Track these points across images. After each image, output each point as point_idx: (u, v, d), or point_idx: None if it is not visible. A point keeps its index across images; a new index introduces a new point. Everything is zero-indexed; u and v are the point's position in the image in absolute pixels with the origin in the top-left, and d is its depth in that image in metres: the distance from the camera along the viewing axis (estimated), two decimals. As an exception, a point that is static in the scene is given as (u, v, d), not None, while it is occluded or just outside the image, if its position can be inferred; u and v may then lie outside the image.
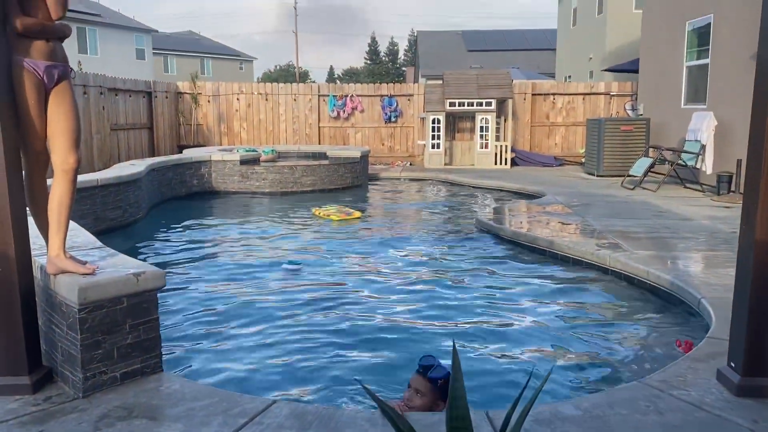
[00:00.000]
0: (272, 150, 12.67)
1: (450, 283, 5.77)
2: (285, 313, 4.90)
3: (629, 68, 16.30)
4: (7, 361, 2.94)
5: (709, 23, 10.96)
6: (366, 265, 6.45)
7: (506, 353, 4.14)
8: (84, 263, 3.07)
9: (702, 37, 11.33)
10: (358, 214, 8.97)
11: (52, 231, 3.00)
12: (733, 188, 9.62)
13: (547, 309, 5.01)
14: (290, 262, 6.32)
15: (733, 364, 3.03)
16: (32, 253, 3.09)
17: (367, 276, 6.01)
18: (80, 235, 4.00)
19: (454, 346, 1.55)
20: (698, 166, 10.62)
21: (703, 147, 10.44)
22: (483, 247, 7.17)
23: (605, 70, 19.03)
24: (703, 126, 10.45)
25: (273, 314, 4.88)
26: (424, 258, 6.76)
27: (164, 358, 3.25)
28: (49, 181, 3.08)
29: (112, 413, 2.75)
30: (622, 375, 3.79)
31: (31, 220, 3.09)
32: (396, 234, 8.11)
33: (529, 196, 10.60)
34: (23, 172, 3.01)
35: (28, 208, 3.06)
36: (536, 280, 5.77)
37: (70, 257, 3.05)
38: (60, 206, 2.97)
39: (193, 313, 4.89)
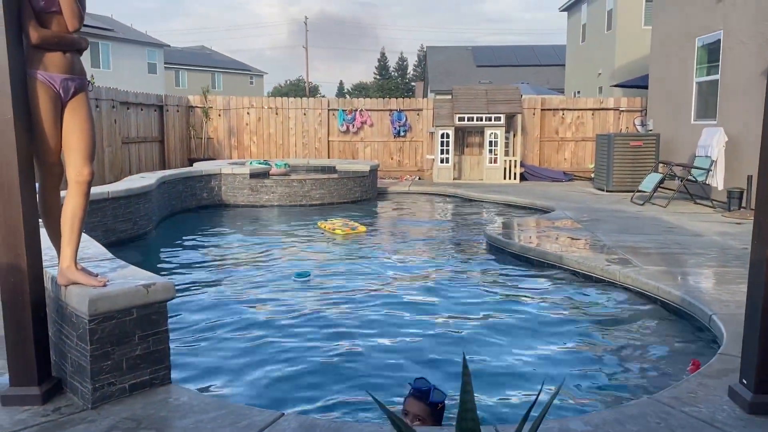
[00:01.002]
0: (285, 164, 12.71)
1: (458, 296, 5.75)
2: (293, 326, 4.90)
3: (639, 84, 16.30)
4: (18, 372, 2.95)
5: (719, 39, 10.96)
6: (373, 278, 6.44)
7: (514, 368, 4.12)
8: (95, 275, 3.09)
9: (712, 53, 11.33)
10: (362, 228, 8.98)
11: (64, 242, 3.02)
12: (744, 204, 9.56)
13: (555, 324, 4.98)
14: (299, 274, 6.33)
15: (745, 381, 3.00)
16: (44, 264, 3.11)
17: (373, 289, 6.00)
18: (91, 247, 4.03)
19: (464, 358, 1.55)
20: (708, 181, 10.57)
21: (714, 162, 10.40)
22: (491, 261, 7.15)
23: (614, 86, 19.03)
24: (713, 141, 10.43)
25: (281, 326, 4.88)
26: (432, 271, 6.75)
27: (173, 369, 3.26)
28: (62, 193, 3.11)
29: (120, 425, 2.76)
30: (632, 391, 3.75)
31: (43, 231, 3.12)
32: (403, 247, 8.10)
33: (539, 211, 10.58)
34: (37, 183, 3.04)
35: (40, 220, 3.08)
36: (545, 295, 5.74)
37: (81, 269, 3.07)
38: (73, 218, 2.99)
39: (201, 325, 4.90)
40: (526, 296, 5.75)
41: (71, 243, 3.02)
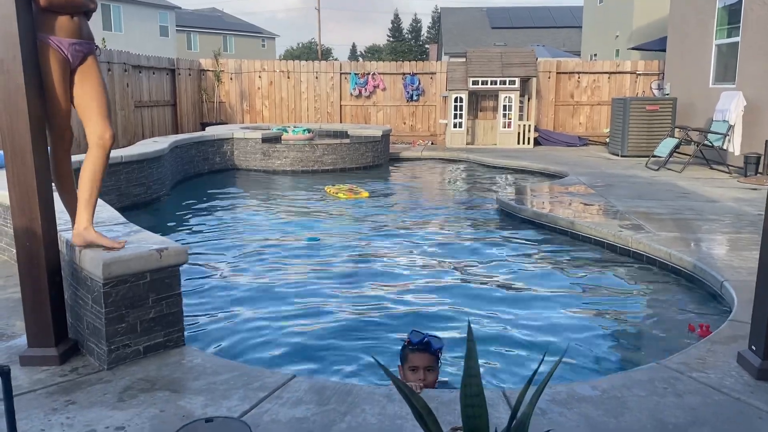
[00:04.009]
0: (304, 129, 12.54)
1: (467, 262, 5.77)
2: (304, 290, 4.95)
3: (656, 47, 15.98)
4: (35, 333, 3.02)
5: (741, 0, 10.67)
6: (382, 244, 6.46)
7: (524, 333, 4.14)
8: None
9: (733, 14, 11.05)
10: (365, 193, 9.00)
11: (81, 205, 3.04)
12: (760, 170, 9.45)
13: (566, 289, 5.00)
14: (309, 239, 6.38)
15: (754, 348, 3.01)
16: (58, 228, 3.15)
17: (383, 255, 6.03)
18: (105, 211, 4.07)
19: (469, 324, 1.56)
20: (725, 147, 10.42)
21: (731, 127, 10.24)
22: (503, 227, 7.14)
23: (632, 49, 18.68)
24: (731, 106, 10.24)
25: (292, 290, 4.93)
26: (442, 237, 6.76)
27: (186, 332, 3.32)
28: (74, 158, 3.13)
29: (135, 385, 2.82)
30: (640, 356, 3.78)
31: (56, 196, 3.15)
32: (414, 213, 8.11)
33: (552, 177, 10.50)
34: (48, 148, 3.06)
35: (53, 184, 3.11)
36: (556, 261, 5.74)
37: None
38: (92, 181, 3.02)
39: (214, 289, 4.96)
40: (535, 262, 5.76)
41: (88, 206, 3.04)
